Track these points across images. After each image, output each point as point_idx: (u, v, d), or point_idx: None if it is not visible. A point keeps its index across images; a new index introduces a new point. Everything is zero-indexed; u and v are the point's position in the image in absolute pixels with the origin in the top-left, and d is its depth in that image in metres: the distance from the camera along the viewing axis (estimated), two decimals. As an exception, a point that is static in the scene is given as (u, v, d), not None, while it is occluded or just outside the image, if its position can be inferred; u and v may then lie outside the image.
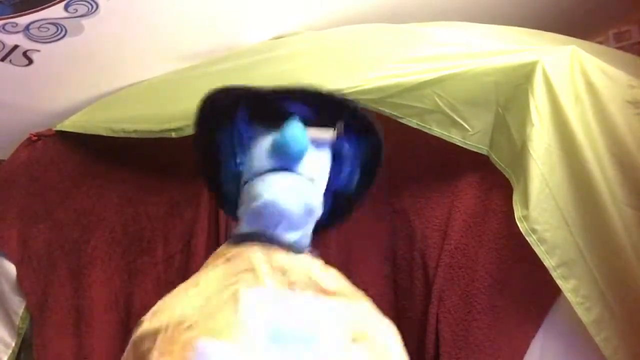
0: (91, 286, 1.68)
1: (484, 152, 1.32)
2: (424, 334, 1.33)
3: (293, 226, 1.10)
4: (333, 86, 1.35)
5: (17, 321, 1.73)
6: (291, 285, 1.06)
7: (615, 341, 1.15)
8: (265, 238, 1.09)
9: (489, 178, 1.33)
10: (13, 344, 1.73)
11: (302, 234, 1.12)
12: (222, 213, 1.62)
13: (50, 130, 1.80)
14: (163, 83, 1.80)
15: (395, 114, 1.34)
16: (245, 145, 1.16)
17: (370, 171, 1.23)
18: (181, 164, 1.68)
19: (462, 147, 1.33)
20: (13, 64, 1.74)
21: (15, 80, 1.82)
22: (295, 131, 1.09)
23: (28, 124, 1.86)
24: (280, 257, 1.07)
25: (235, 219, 1.19)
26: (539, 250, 1.19)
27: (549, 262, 1.18)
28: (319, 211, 1.14)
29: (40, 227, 1.75)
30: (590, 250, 1.18)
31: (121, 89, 1.87)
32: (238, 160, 1.16)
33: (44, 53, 1.71)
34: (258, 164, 1.11)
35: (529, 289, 1.25)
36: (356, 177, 1.21)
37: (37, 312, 1.71)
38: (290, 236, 1.10)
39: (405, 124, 1.35)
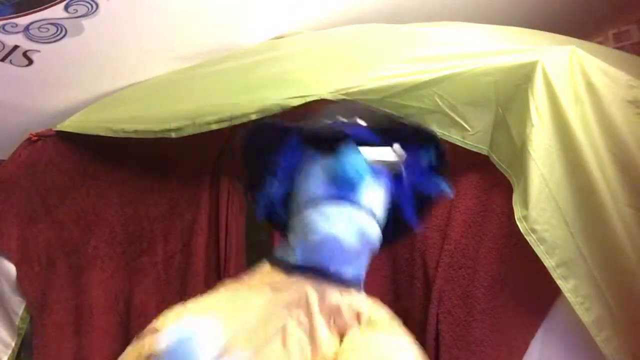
0: (91, 286, 1.68)
1: (484, 152, 1.32)
2: (424, 334, 1.33)
3: (349, 261, 1.04)
4: (333, 86, 1.35)
5: (17, 321, 1.73)
6: (339, 322, 1.02)
7: (615, 341, 1.15)
8: (317, 273, 1.03)
9: (489, 178, 1.33)
10: (13, 344, 1.74)
11: (357, 267, 1.06)
12: (222, 213, 1.62)
13: (50, 130, 1.80)
14: (163, 83, 1.81)
15: (395, 114, 1.34)
16: (292, 171, 1.10)
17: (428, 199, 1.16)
18: (181, 164, 1.68)
19: (462, 147, 1.33)
20: (13, 64, 1.74)
21: (15, 80, 1.82)
22: (353, 158, 1.02)
23: (28, 124, 1.87)
24: (334, 296, 1.02)
25: (279, 229, 1.15)
26: (539, 250, 1.18)
27: (548, 262, 1.18)
28: (377, 243, 1.08)
29: (40, 227, 1.75)
30: (590, 250, 1.18)
31: (121, 89, 1.87)
32: (285, 188, 1.10)
33: (44, 53, 1.71)
34: (313, 190, 1.05)
35: (529, 289, 1.25)
36: (414, 197, 1.13)
37: (37, 312, 1.71)
38: (347, 270, 1.04)
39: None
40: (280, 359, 0.97)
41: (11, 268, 1.75)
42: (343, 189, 1.02)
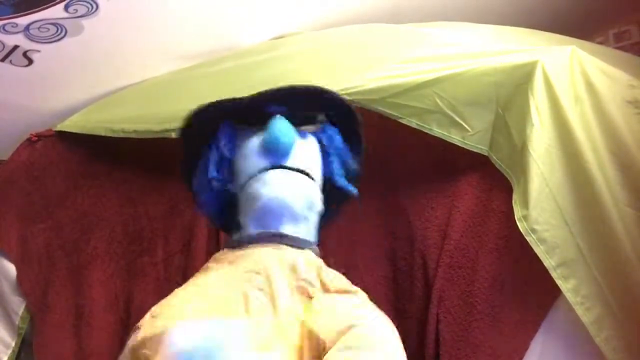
0: (91, 286, 1.68)
1: (484, 153, 1.32)
2: (424, 334, 1.33)
3: (297, 220, 1.11)
4: (333, 86, 1.35)
5: (17, 321, 1.73)
6: (300, 283, 1.06)
7: (615, 341, 1.15)
8: (273, 237, 1.09)
9: (489, 178, 1.33)
10: (13, 344, 1.73)
11: (307, 228, 1.13)
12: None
13: (50, 130, 1.80)
14: (163, 83, 1.80)
15: (395, 114, 1.34)
16: (227, 158, 1.17)
17: (357, 156, 1.25)
18: (181, 164, 1.68)
19: (462, 147, 1.33)
20: (13, 64, 1.74)
21: (15, 80, 1.82)
22: (281, 125, 1.11)
23: (28, 124, 1.86)
24: (290, 254, 1.08)
25: (221, 228, 1.22)
26: (539, 250, 1.18)
27: (548, 262, 1.18)
28: (319, 204, 1.15)
29: (40, 227, 1.75)
30: (590, 250, 1.18)
31: (121, 89, 1.87)
32: (219, 176, 1.17)
33: (44, 53, 1.71)
34: (250, 167, 1.13)
35: (529, 289, 1.25)
36: (342, 166, 1.22)
37: (37, 312, 1.71)
38: (296, 231, 1.11)
39: (405, 124, 1.35)
40: (245, 325, 0.99)
41: (11, 268, 1.74)
42: (275, 155, 1.11)
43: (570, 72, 1.25)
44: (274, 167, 1.11)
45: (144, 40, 1.74)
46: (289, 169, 1.11)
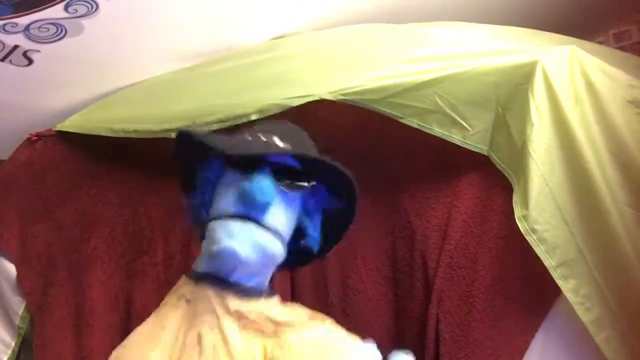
0: (91, 286, 1.68)
1: (484, 152, 1.32)
2: (424, 334, 1.33)
3: (250, 273, 1.11)
4: (333, 86, 1.35)
5: (17, 321, 1.73)
6: (247, 325, 1.08)
7: (616, 341, 1.15)
8: (218, 282, 1.10)
9: (489, 178, 1.33)
10: (13, 344, 1.73)
11: (260, 279, 1.14)
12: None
13: (50, 130, 1.80)
14: (163, 83, 1.80)
15: (395, 113, 1.34)
16: (214, 183, 1.18)
17: (339, 228, 1.23)
18: (181, 164, 1.68)
19: (462, 147, 1.33)
20: (13, 64, 1.74)
21: (15, 80, 1.82)
22: (263, 183, 1.09)
23: (28, 124, 1.86)
24: (234, 302, 1.09)
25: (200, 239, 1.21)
26: (539, 250, 1.19)
27: (549, 262, 1.18)
28: (279, 259, 1.14)
29: (40, 227, 1.75)
30: (590, 250, 1.18)
31: (121, 89, 1.87)
32: (207, 197, 1.18)
33: (44, 53, 1.71)
34: (224, 206, 1.12)
35: (529, 289, 1.25)
36: (318, 233, 1.21)
37: (37, 312, 1.71)
38: (247, 281, 1.11)
39: (406, 124, 1.35)
40: None
41: (11, 268, 1.74)
42: (250, 208, 1.09)
43: (570, 72, 1.25)
44: (243, 217, 1.09)
45: (144, 40, 1.74)
46: (258, 224, 1.09)
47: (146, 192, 1.70)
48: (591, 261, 1.18)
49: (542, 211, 1.19)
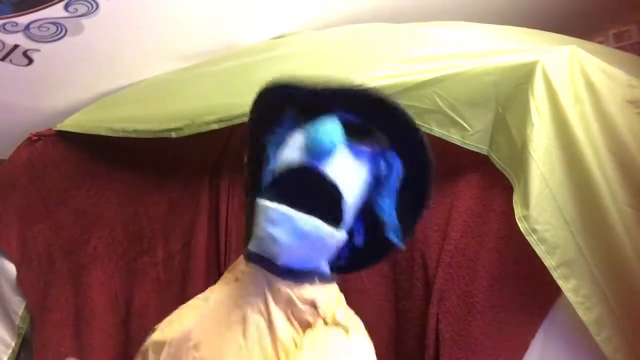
0: (91, 286, 1.68)
1: (484, 152, 1.32)
2: (424, 334, 1.33)
3: (298, 258, 1.04)
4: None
5: (17, 321, 1.73)
6: (293, 314, 1.05)
7: (616, 341, 1.15)
8: (268, 263, 1.04)
9: (489, 178, 1.33)
10: (13, 344, 1.74)
11: (313, 263, 1.06)
12: (222, 213, 1.62)
13: (50, 130, 1.80)
14: (163, 83, 1.80)
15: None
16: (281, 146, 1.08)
17: (417, 202, 1.11)
18: (181, 164, 1.68)
19: (462, 147, 1.33)
20: (13, 64, 1.74)
21: (15, 80, 1.82)
22: (328, 126, 1.01)
23: (28, 124, 1.86)
24: (283, 286, 1.05)
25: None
26: (539, 250, 1.18)
27: (549, 262, 1.18)
28: (333, 240, 1.05)
29: (40, 227, 1.75)
30: (591, 250, 1.18)
31: (121, 89, 1.87)
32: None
33: (44, 53, 1.71)
34: (288, 155, 1.04)
35: (529, 289, 1.25)
36: (395, 208, 1.09)
37: (37, 312, 1.71)
38: (297, 265, 1.04)
39: (405, 124, 1.35)
40: (240, 348, 1.01)
41: (11, 268, 1.75)
42: (312, 153, 1.01)
43: (570, 72, 1.25)
44: (306, 167, 1.01)
45: (144, 40, 1.74)
46: (320, 171, 1.00)
47: (146, 192, 1.70)
48: (591, 261, 1.18)
49: (542, 211, 1.19)
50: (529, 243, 1.19)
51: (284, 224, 0.99)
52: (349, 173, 1.04)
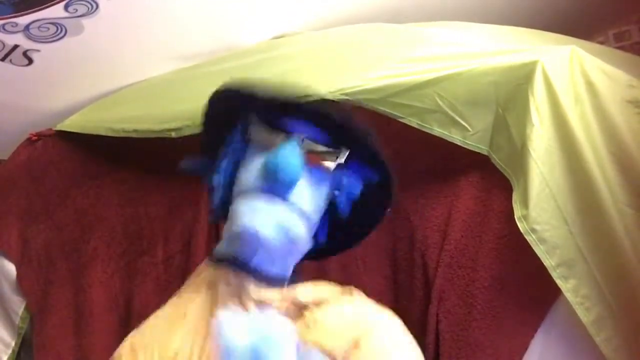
0: (91, 286, 1.68)
1: (484, 152, 1.32)
2: (424, 334, 1.33)
3: (271, 259, 1.04)
4: (333, 86, 1.35)
5: (17, 321, 1.73)
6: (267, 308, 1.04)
7: (615, 341, 1.15)
8: (238, 266, 1.04)
9: (489, 178, 1.33)
10: (13, 344, 1.73)
11: (282, 267, 1.06)
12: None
13: (50, 130, 1.80)
14: (163, 83, 1.80)
15: (395, 113, 1.34)
16: (239, 158, 1.11)
17: (377, 205, 1.17)
18: (181, 163, 1.68)
19: (462, 147, 1.33)
20: (13, 64, 1.74)
21: (15, 80, 1.82)
22: (289, 158, 1.00)
23: (28, 124, 1.86)
24: (254, 290, 1.04)
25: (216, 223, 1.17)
26: (539, 250, 1.18)
27: (548, 262, 1.18)
28: (304, 246, 1.07)
29: (40, 227, 1.75)
30: (590, 250, 1.18)
31: (121, 89, 1.87)
32: (230, 175, 1.11)
33: (44, 53, 1.71)
34: (248, 181, 1.05)
35: (529, 289, 1.25)
36: (350, 210, 1.13)
37: (37, 312, 1.71)
38: (269, 268, 1.04)
39: (406, 124, 1.35)
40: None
41: (11, 268, 1.75)
42: (274, 185, 1.01)
43: (570, 72, 1.25)
44: (267, 193, 1.02)
45: (144, 40, 1.74)
46: (283, 202, 1.01)
47: (146, 192, 1.70)
48: (591, 261, 1.18)
49: (542, 211, 1.19)
50: (529, 243, 1.19)
51: (267, 216, 1.01)
52: (308, 196, 1.06)
